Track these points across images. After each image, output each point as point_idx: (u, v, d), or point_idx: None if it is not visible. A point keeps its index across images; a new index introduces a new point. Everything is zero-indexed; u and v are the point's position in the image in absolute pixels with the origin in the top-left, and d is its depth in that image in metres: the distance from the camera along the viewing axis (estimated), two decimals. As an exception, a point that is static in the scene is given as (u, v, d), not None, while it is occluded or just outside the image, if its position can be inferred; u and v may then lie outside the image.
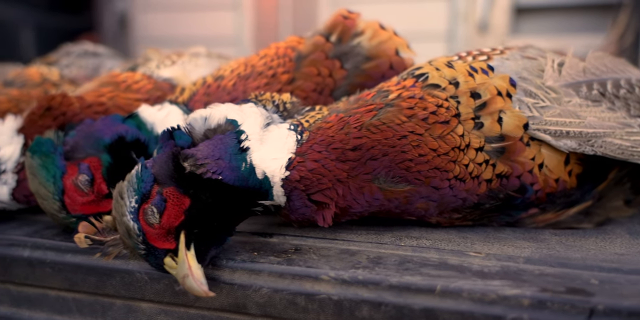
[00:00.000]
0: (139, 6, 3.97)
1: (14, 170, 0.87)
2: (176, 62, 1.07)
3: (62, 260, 0.78)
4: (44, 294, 0.79)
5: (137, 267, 0.74)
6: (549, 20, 2.90)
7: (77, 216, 0.79)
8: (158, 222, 0.69)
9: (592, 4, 2.73)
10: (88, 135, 0.84)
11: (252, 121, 0.77)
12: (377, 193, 0.76)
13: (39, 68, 1.17)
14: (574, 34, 2.77)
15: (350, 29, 0.99)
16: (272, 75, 0.96)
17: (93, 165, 0.81)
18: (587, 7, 2.77)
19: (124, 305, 0.76)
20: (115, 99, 0.96)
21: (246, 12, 3.71)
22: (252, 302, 0.69)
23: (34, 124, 0.89)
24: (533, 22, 2.96)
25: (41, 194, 0.80)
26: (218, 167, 0.71)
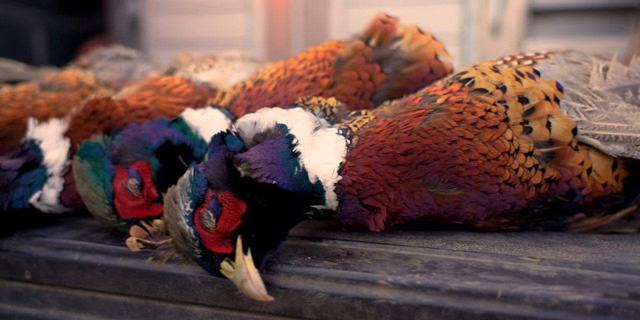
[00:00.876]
0: (150, 8, 3.98)
1: (60, 174, 0.88)
2: (213, 66, 1.07)
3: (113, 263, 0.78)
4: (94, 297, 0.80)
5: (190, 271, 0.74)
6: (566, 23, 2.90)
7: (127, 220, 0.79)
8: (214, 227, 0.69)
9: (610, 7, 2.73)
10: (135, 139, 0.84)
11: (302, 126, 0.77)
12: (428, 197, 0.76)
13: (74, 72, 1.17)
14: (591, 37, 2.76)
15: (390, 33, 0.99)
16: (313, 79, 0.96)
17: (142, 169, 0.81)
18: (604, 10, 2.76)
19: (175, 309, 0.76)
20: (156, 103, 0.96)
21: (257, 14, 3.72)
22: (308, 307, 0.69)
23: (80, 127, 0.89)
24: (549, 25, 2.96)
25: (91, 197, 0.80)
26: (271, 171, 0.71)
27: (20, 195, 0.84)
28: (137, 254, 0.77)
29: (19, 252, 0.82)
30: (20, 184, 0.84)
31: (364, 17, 3.66)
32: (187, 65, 1.09)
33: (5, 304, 0.85)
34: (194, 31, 3.86)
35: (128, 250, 0.77)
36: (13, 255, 0.83)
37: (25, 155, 0.88)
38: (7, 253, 0.83)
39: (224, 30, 3.78)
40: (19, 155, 0.88)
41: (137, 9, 4.05)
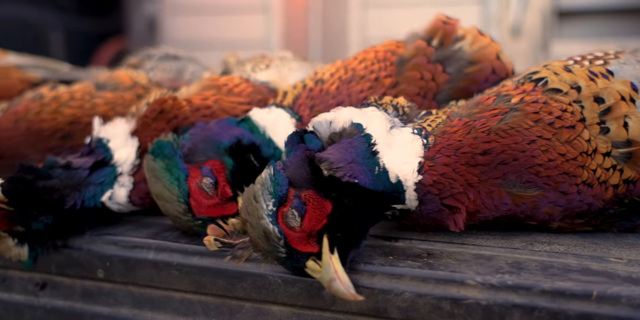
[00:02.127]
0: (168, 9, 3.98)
1: (130, 173, 0.88)
2: (270, 66, 1.07)
3: (189, 262, 0.78)
4: (169, 296, 0.80)
5: (270, 270, 0.74)
6: (593, 24, 2.89)
7: (202, 219, 0.79)
8: (299, 226, 0.69)
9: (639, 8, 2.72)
10: (206, 139, 0.84)
11: (377, 125, 0.77)
12: (506, 198, 0.76)
13: (127, 71, 1.18)
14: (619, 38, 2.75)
15: (451, 34, 0.99)
16: (375, 79, 0.96)
17: (215, 168, 0.81)
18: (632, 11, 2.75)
19: (253, 308, 0.76)
20: (219, 102, 0.96)
21: (275, 15, 3.72)
22: (393, 307, 0.69)
23: (148, 126, 0.90)
24: (576, 26, 2.95)
25: (164, 196, 0.80)
26: (353, 171, 0.71)
27: (92, 193, 0.84)
28: (213, 253, 0.77)
29: (92, 251, 0.83)
30: (91, 183, 0.85)
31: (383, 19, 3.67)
32: (242, 64, 1.09)
33: (76, 302, 0.85)
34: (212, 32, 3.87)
35: (204, 249, 0.78)
36: (85, 254, 0.83)
37: (94, 154, 0.88)
38: (79, 251, 0.83)
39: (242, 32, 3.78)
40: (87, 154, 0.88)
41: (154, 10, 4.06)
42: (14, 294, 0.88)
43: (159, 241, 0.81)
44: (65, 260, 0.84)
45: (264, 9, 3.72)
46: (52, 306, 0.86)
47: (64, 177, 0.83)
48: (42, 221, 0.80)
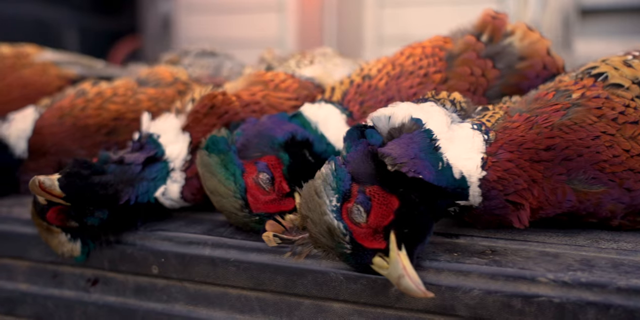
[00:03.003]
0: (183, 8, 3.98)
1: (182, 168, 0.87)
2: (314, 62, 1.07)
3: (246, 259, 0.77)
4: (225, 292, 0.79)
5: (331, 266, 0.73)
6: (616, 23, 2.87)
7: (259, 215, 0.78)
8: (365, 221, 0.68)
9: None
10: (259, 134, 0.84)
11: (437, 120, 0.76)
12: (570, 194, 0.75)
13: (167, 67, 1.17)
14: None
15: (501, 29, 0.98)
16: (424, 74, 0.95)
17: (271, 163, 0.81)
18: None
19: (313, 305, 0.75)
20: (267, 98, 0.95)
21: (290, 14, 3.71)
22: (461, 304, 0.67)
23: (199, 122, 0.89)
24: (598, 25, 2.92)
25: (220, 192, 0.79)
26: (416, 166, 0.70)
27: (145, 189, 0.84)
28: (271, 249, 0.77)
29: (146, 247, 0.82)
30: (144, 178, 0.84)
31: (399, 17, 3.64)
32: (285, 60, 1.09)
33: (128, 299, 0.84)
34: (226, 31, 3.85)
35: (262, 245, 0.77)
36: (139, 250, 0.82)
37: (145, 149, 0.87)
38: (133, 247, 0.83)
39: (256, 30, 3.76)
40: (138, 150, 0.87)
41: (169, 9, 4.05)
42: (65, 290, 0.88)
43: (214, 237, 0.80)
44: (119, 256, 0.83)
45: (279, 8, 3.71)
46: (103, 302, 0.85)
47: (117, 172, 0.82)
48: (98, 217, 0.79)
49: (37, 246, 0.88)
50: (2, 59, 1.23)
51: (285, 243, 0.76)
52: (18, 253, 0.89)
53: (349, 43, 3.73)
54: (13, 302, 0.90)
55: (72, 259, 0.85)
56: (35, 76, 1.22)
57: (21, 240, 0.89)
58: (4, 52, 1.26)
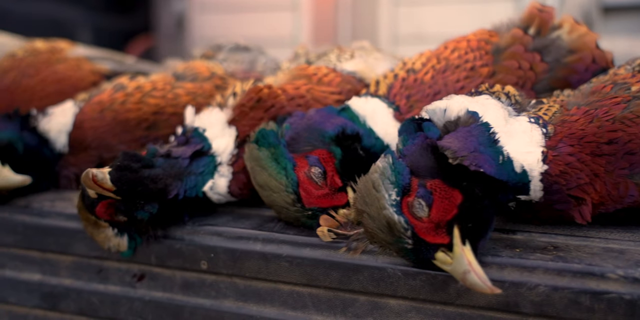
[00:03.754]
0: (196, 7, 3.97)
1: (229, 163, 0.86)
2: (355, 56, 1.05)
3: (299, 254, 0.76)
4: (276, 288, 0.78)
5: (388, 262, 0.72)
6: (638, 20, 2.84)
7: (312, 209, 0.77)
8: (427, 216, 0.66)
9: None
10: (309, 128, 0.82)
11: (494, 113, 0.75)
12: (633, 189, 0.73)
13: (203, 62, 1.16)
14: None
15: (548, 22, 0.96)
16: (471, 68, 0.93)
17: (323, 157, 0.79)
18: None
19: (368, 302, 0.73)
20: (311, 92, 0.94)
21: (304, 12, 3.69)
22: (526, 301, 0.66)
23: (245, 115, 0.88)
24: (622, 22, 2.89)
25: (271, 186, 0.78)
26: (477, 159, 0.69)
27: (193, 183, 0.82)
28: (325, 244, 0.75)
29: (195, 242, 0.81)
30: (192, 172, 0.83)
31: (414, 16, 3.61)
32: (325, 54, 1.07)
33: (176, 294, 0.83)
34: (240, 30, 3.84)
35: (315, 241, 0.76)
36: (188, 245, 0.81)
37: (191, 143, 0.86)
38: (181, 242, 0.81)
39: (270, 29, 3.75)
40: (184, 144, 0.86)
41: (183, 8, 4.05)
42: (110, 285, 0.87)
43: (265, 232, 0.79)
44: (166, 251, 0.82)
45: (293, 7, 3.69)
46: (150, 298, 0.84)
47: (166, 166, 0.81)
48: (148, 211, 0.78)
49: (81, 241, 0.87)
50: (37, 54, 1.22)
51: (340, 238, 0.74)
52: (62, 248, 0.88)
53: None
54: (56, 297, 0.89)
55: (118, 254, 0.84)
56: (70, 71, 1.21)
57: (65, 235, 0.88)
58: (38, 47, 1.25)
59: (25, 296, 0.91)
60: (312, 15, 3.65)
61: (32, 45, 1.26)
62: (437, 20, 3.24)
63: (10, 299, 0.92)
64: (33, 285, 0.91)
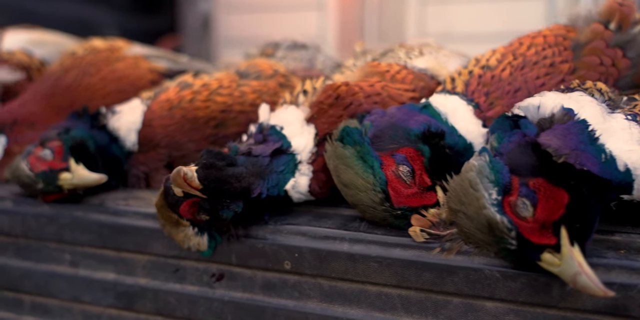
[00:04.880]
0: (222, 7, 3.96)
1: (308, 161, 0.85)
2: (424, 53, 1.03)
3: (390, 255, 0.74)
4: (363, 289, 0.76)
5: (485, 263, 0.70)
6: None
7: (401, 209, 0.75)
8: (532, 216, 0.64)
9: None
10: (393, 125, 0.80)
11: (590, 110, 0.72)
12: None
13: (266, 60, 1.15)
14: None
15: (629, 17, 0.93)
16: (550, 64, 0.91)
17: (410, 155, 0.77)
18: None
19: (462, 304, 0.71)
20: (386, 89, 0.92)
21: (330, 12, 3.66)
22: (635, 304, 0.63)
23: (324, 113, 0.86)
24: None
25: (358, 185, 0.76)
26: (579, 158, 0.67)
27: (275, 182, 0.81)
28: (416, 244, 0.74)
29: (278, 241, 0.79)
30: (273, 171, 0.82)
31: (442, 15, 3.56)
32: (393, 50, 1.05)
33: (257, 295, 0.82)
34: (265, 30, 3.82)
35: (405, 241, 0.74)
36: (270, 245, 0.80)
37: (269, 141, 0.85)
38: (263, 242, 0.80)
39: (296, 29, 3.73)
40: (262, 142, 0.85)
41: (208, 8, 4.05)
42: (187, 284, 0.86)
43: (351, 232, 0.77)
44: (248, 251, 0.81)
45: (319, 6, 3.67)
46: (229, 298, 0.83)
47: (248, 164, 0.80)
48: (233, 210, 0.77)
49: (158, 240, 0.86)
50: (96, 52, 1.22)
51: (432, 238, 0.73)
52: (138, 247, 0.87)
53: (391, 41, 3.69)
54: (132, 296, 0.89)
55: (197, 253, 0.83)
56: (129, 69, 1.20)
57: (142, 234, 0.87)
58: (97, 45, 1.25)
59: (100, 295, 0.91)
60: (338, 15, 3.63)
61: (91, 44, 1.26)
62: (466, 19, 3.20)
63: (84, 298, 0.92)
64: (108, 284, 0.90)
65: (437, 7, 3.41)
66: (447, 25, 3.31)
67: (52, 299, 0.94)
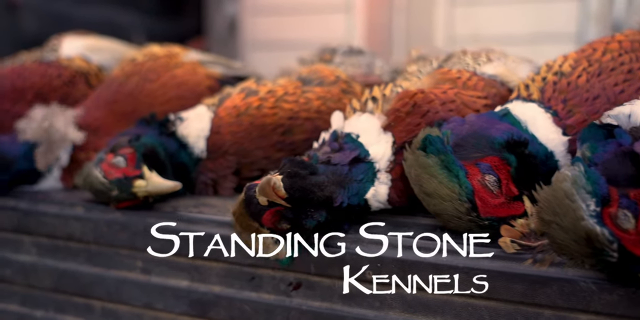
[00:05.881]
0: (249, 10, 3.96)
1: (386, 170, 0.84)
2: (492, 59, 1.02)
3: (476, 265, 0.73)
4: (448, 300, 0.75)
5: (579, 275, 0.68)
6: None
7: (488, 219, 0.74)
8: (634, 228, 0.63)
9: None
10: (475, 134, 0.79)
11: (682, 119, 0.71)
12: None
13: (326, 66, 1.15)
14: None
15: None
16: (628, 70, 0.89)
17: (495, 165, 0.76)
18: None
19: (554, 316, 0.70)
20: (459, 96, 0.91)
21: (358, 14, 3.64)
22: None
23: (401, 121, 0.85)
24: None
25: (442, 194, 0.76)
26: None
27: (355, 191, 0.80)
28: (504, 255, 0.72)
29: (359, 250, 0.79)
30: (353, 179, 0.81)
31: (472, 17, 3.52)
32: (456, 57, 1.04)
33: (336, 304, 0.81)
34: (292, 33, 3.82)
35: (495, 252, 0.73)
36: (352, 254, 0.79)
37: (345, 149, 0.84)
38: (344, 251, 0.80)
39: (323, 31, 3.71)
40: (338, 150, 0.84)
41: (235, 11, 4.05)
42: (263, 293, 0.85)
43: (434, 242, 0.76)
44: (327, 260, 0.80)
45: (347, 8, 3.65)
46: (307, 307, 0.83)
47: (328, 172, 0.79)
48: (316, 219, 0.77)
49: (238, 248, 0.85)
50: (156, 58, 1.23)
51: (523, 249, 0.72)
52: (212, 255, 0.87)
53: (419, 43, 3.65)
54: (206, 304, 0.89)
55: (275, 262, 0.83)
56: (187, 75, 1.21)
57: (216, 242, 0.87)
58: (156, 51, 1.26)
59: (173, 302, 0.91)
60: (365, 17, 3.61)
61: (150, 50, 1.27)
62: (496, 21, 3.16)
63: (156, 305, 0.92)
64: (181, 292, 0.90)
65: (466, 9, 3.37)
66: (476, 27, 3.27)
67: (123, 305, 0.95)
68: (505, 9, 3.17)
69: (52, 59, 1.27)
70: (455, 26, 3.38)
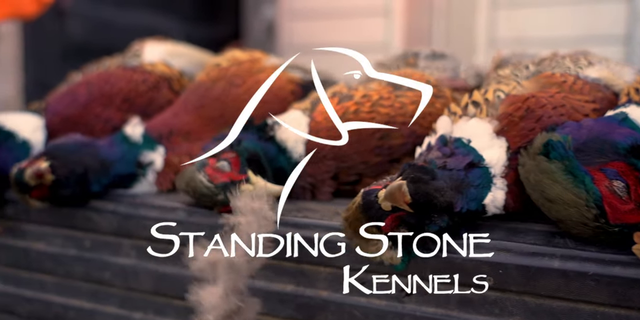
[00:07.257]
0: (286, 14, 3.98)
1: (502, 175, 0.83)
2: (593, 63, 1.00)
3: (609, 273, 0.72)
4: (575, 308, 0.74)
5: None
6: None
7: (618, 226, 0.72)
8: None
9: None
10: (597, 139, 0.78)
11: None
12: None
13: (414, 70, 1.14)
14: None
15: None
16: None
17: (622, 170, 0.75)
18: None
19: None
20: (567, 100, 0.90)
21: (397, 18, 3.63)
22: None
23: (515, 126, 0.85)
24: None
25: (567, 200, 0.74)
26: None
27: (473, 196, 0.80)
28: (637, 262, 0.71)
29: (480, 257, 0.78)
30: (470, 185, 0.80)
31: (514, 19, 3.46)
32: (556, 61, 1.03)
33: (452, 311, 0.81)
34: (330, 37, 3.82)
35: (625, 258, 0.72)
36: (471, 260, 0.78)
37: (457, 154, 0.83)
38: (462, 257, 0.79)
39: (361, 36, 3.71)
40: (450, 155, 0.84)
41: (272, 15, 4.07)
42: (374, 298, 0.85)
43: (561, 249, 0.75)
44: (444, 266, 0.80)
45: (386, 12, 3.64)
46: (421, 313, 0.82)
47: (446, 178, 0.79)
48: (439, 224, 0.76)
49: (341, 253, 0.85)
50: (239, 63, 1.24)
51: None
52: (320, 260, 0.87)
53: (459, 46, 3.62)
54: (313, 308, 0.89)
55: (386, 267, 0.82)
56: (271, 80, 1.21)
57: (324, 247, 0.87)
58: (239, 56, 1.27)
59: (278, 306, 0.91)
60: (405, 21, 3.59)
61: (232, 55, 1.28)
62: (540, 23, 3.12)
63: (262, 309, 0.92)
64: (286, 296, 0.91)
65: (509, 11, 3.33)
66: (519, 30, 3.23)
67: (224, 309, 0.95)
68: (550, 10, 3.12)
69: (135, 65, 1.29)
70: (497, 29, 3.34)
